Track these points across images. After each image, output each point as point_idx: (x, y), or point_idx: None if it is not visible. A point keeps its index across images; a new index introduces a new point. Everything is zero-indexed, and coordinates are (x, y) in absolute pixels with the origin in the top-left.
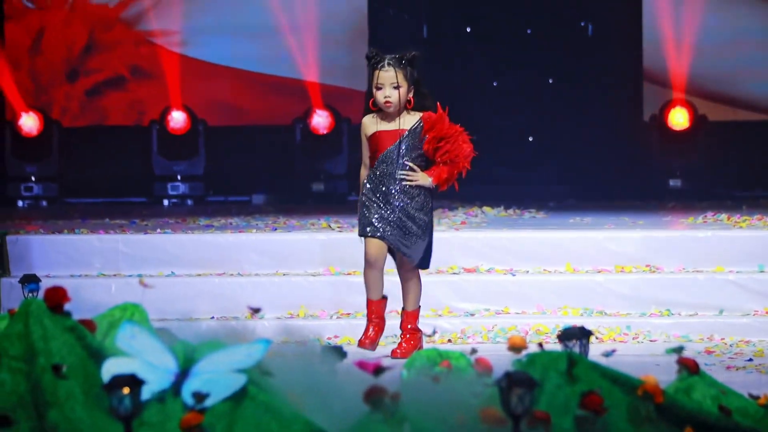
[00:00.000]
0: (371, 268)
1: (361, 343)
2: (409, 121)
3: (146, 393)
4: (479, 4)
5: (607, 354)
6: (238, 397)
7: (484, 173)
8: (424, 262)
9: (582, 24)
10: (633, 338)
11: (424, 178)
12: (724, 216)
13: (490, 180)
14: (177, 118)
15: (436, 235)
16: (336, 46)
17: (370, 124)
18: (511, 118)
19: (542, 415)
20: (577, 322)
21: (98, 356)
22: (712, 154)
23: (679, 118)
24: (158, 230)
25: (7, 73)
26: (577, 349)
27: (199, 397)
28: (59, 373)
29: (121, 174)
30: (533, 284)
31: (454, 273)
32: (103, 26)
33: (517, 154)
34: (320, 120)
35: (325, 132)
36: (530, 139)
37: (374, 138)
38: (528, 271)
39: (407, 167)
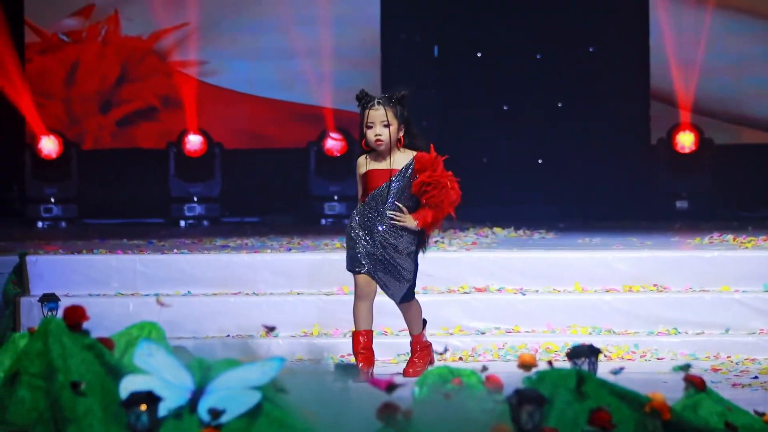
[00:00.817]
0: (361, 300)
1: None
2: (401, 159)
3: (163, 410)
4: (490, 30)
5: (616, 372)
6: (253, 413)
7: (494, 195)
8: (407, 297)
9: (591, 49)
10: (641, 356)
11: (410, 221)
12: (730, 237)
13: (501, 201)
14: (193, 141)
15: (447, 254)
16: (349, 71)
17: (363, 163)
18: (521, 141)
19: None
20: (586, 340)
21: (116, 374)
22: (718, 176)
23: (685, 141)
24: (175, 250)
25: (27, 98)
26: (586, 367)
27: (215, 413)
28: (78, 390)
29: (138, 195)
30: (543, 303)
31: (465, 292)
32: (134, 58)
33: (526, 176)
34: (334, 143)
35: (338, 155)
36: (540, 161)
37: (366, 176)
38: (538, 291)
39: (395, 207)
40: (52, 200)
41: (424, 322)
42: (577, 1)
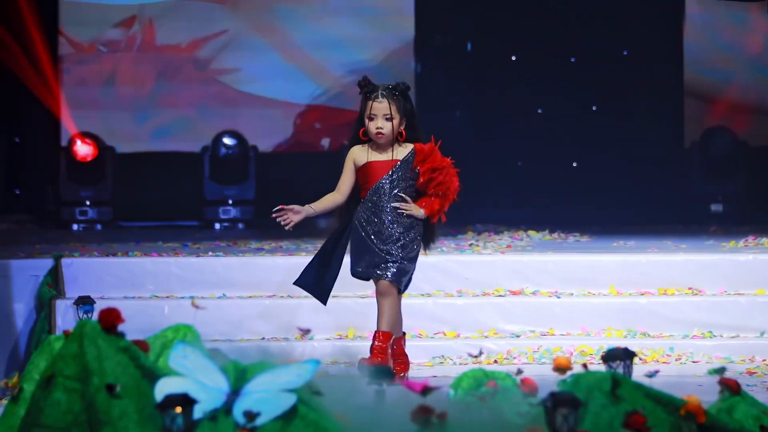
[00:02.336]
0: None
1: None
2: (401, 152)
3: (198, 412)
4: (524, 34)
5: (651, 375)
6: (289, 416)
7: (529, 198)
8: (403, 285)
9: (624, 53)
10: (676, 359)
11: (416, 209)
12: (765, 240)
13: (536, 204)
14: (228, 144)
15: (482, 258)
16: (381, 75)
17: (360, 153)
18: (556, 144)
19: None
20: (621, 343)
21: (151, 376)
22: (753, 179)
23: (718, 144)
24: (210, 253)
25: (60, 101)
26: (621, 370)
27: (250, 416)
28: (113, 393)
29: (173, 198)
30: (578, 306)
31: (500, 295)
32: (171, 66)
33: (561, 179)
34: None
35: None
36: (574, 164)
37: (366, 168)
38: (572, 294)
39: (400, 198)
40: (87, 203)
41: (403, 334)
42: (611, 5)
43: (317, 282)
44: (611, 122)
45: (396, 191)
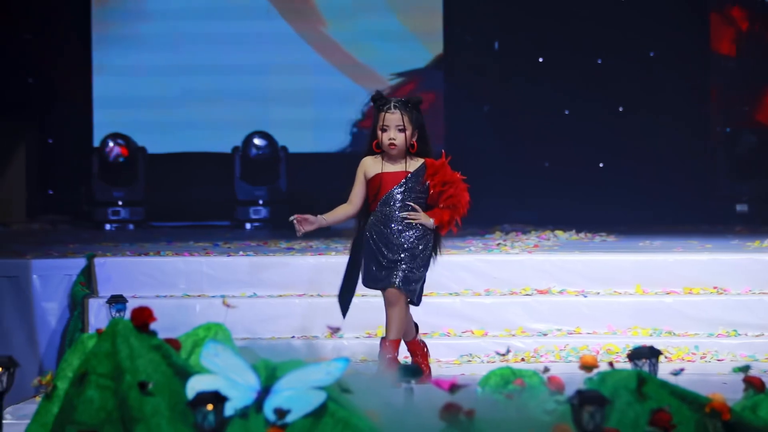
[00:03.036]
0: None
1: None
2: (412, 165)
3: (229, 409)
4: (551, 36)
5: (676, 373)
6: (318, 413)
7: (556, 198)
8: (418, 299)
9: (651, 54)
10: (701, 358)
11: (425, 218)
12: None
13: (563, 204)
14: (258, 145)
15: (510, 257)
16: (410, 76)
17: (373, 164)
18: (583, 145)
19: None
20: (647, 342)
21: (183, 374)
22: None
23: (743, 145)
24: (241, 253)
25: (92, 102)
26: (646, 368)
27: (281, 413)
28: (145, 390)
29: (204, 198)
30: (604, 305)
31: (527, 294)
32: (203, 67)
33: (588, 179)
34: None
35: None
36: (601, 165)
37: (377, 179)
38: (599, 293)
39: (409, 207)
40: (120, 203)
41: (399, 339)
42: (637, 7)
43: (346, 300)
44: (637, 123)
45: (405, 201)
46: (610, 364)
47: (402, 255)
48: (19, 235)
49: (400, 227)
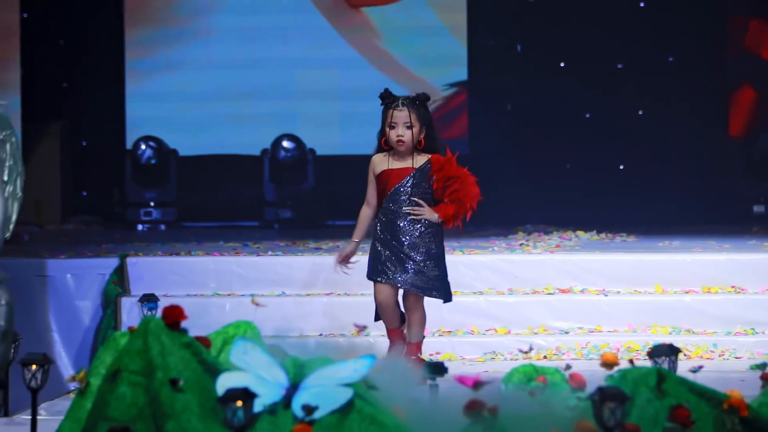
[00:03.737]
0: (383, 310)
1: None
2: (419, 161)
3: (258, 406)
4: (573, 41)
5: (695, 370)
6: (345, 409)
7: (577, 199)
8: (445, 295)
9: (670, 59)
10: (719, 355)
11: (430, 213)
12: None
13: (583, 205)
14: (287, 147)
15: (532, 257)
16: (435, 79)
17: (380, 161)
18: (603, 148)
19: (633, 428)
20: (666, 340)
21: (213, 371)
22: None
23: (760, 147)
24: (270, 253)
25: (125, 105)
26: (666, 366)
27: (309, 409)
28: (176, 387)
29: (234, 199)
30: (624, 304)
31: (550, 293)
32: (232, 71)
33: (608, 181)
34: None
35: None
36: (621, 167)
37: (384, 175)
38: (619, 292)
39: (414, 202)
40: (152, 204)
41: (422, 340)
42: (657, 13)
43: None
44: (657, 126)
45: (411, 197)
46: (631, 361)
47: (413, 253)
48: (54, 235)
49: (406, 223)
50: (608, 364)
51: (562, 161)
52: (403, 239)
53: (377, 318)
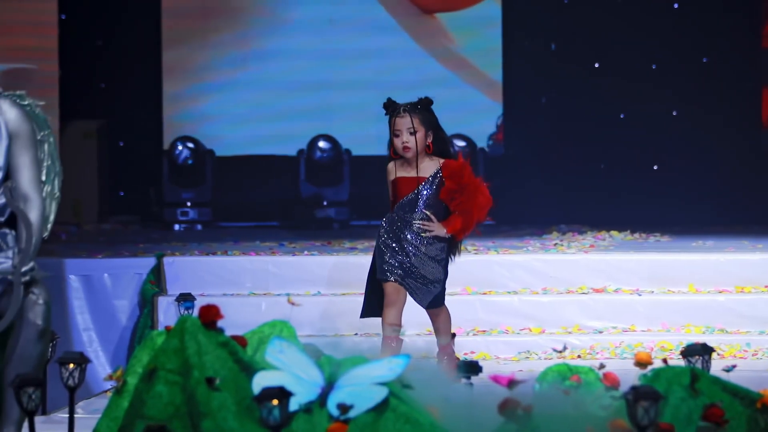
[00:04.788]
0: (390, 307)
1: None
2: (429, 167)
3: (294, 404)
4: (607, 42)
5: (728, 369)
6: (380, 408)
7: (611, 199)
8: (435, 303)
9: (704, 60)
10: (752, 355)
11: (439, 229)
12: None
13: (618, 205)
14: (323, 147)
15: (566, 257)
16: (469, 80)
17: (392, 170)
18: (637, 148)
19: (667, 427)
20: (700, 339)
21: (249, 370)
22: None
23: None
24: (305, 252)
25: (162, 106)
26: (699, 365)
27: (344, 408)
28: (212, 386)
29: (270, 199)
30: (658, 304)
31: (584, 293)
32: (268, 72)
33: (642, 181)
34: (457, 150)
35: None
36: (655, 167)
37: (394, 184)
38: (653, 292)
39: (424, 216)
40: (188, 204)
41: (453, 335)
42: (691, 14)
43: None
44: (691, 127)
45: (421, 208)
46: (664, 360)
47: (423, 265)
48: (91, 235)
49: (413, 233)
50: (642, 364)
51: (597, 161)
52: (411, 251)
53: (364, 314)
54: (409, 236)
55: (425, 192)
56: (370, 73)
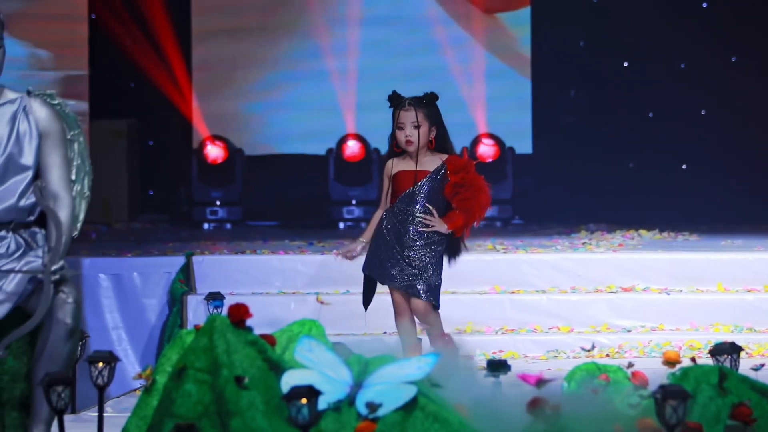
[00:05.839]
0: (401, 316)
1: None
2: (431, 162)
3: (323, 403)
4: (636, 41)
5: (756, 368)
6: (409, 407)
7: (640, 198)
8: (434, 300)
9: (733, 59)
10: None
11: (440, 224)
12: None
13: (646, 204)
14: (352, 147)
15: (595, 255)
16: (498, 80)
17: (393, 164)
18: (666, 147)
19: (695, 426)
20: (728, 338)
21: (278, 368)
22: None
23: None
24: (334, 251)
25: (192, 105)
26: (728, 364)
27: (373, 407)
28: (241, 385)
29: (299, 199)
30: (686, 302)
31: (612, 292)
32: (297, 71)
33: (671, 180)
34: (486, 149)
35: (490, 160)
36: (684, 166)
37: (396, 177)
38: (681, 290)
39: (426, 210)
40: (218, 203)
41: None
42: (720, 13)
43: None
44: (718, 126)
45: (424, 202)
46: (693, 359)
47: (420, 259)
48: (121, 234)
49: (413, 228)
50: (670, 362)
51: (625, 160)
52: (409, 245)
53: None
54: (409, 229)
55: (426, 187)
56: (399, 70)
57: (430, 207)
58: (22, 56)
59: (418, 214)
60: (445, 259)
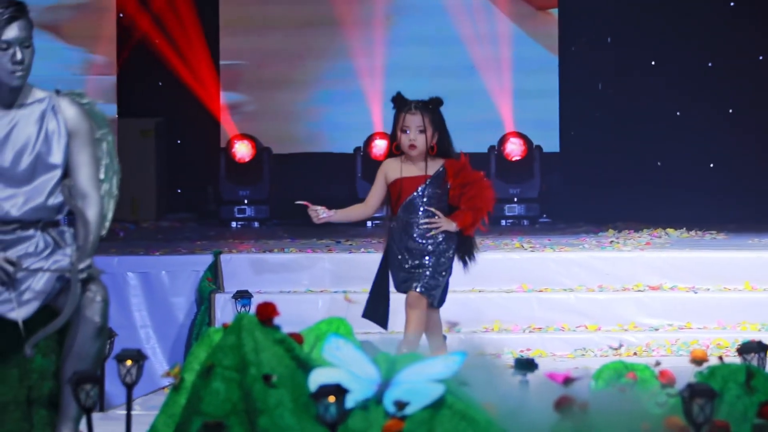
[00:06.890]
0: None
1: None
2: (432, 167)
3: (350, 401)
4: (663, 40)
5: None
6: (437, 405)
7: (667, 197)
8: (436, 302)
9: (760, 58)
10: None
11: (448, 224)
12: None
13: (674, 203)
14: (378, 145)
15: (622, 254)
16: (527, 78)
17: (394, 168)
18: (694, 146)
19: (722, 424)
20: (756, 336)
21: (306, 367)
22: None
23: None
24: (362, 249)
25: (220, 104)
26: (755, 362)
27: (400, 405)
28: (269, 383)
29: (327, 197)
30: (714, 301)
31: (639, 290)
32: (324, 70)
33: (699, 179)
34: (514, 147)
35: (518, 158)
36: (711, 165)
37: (397, 183)
38: (709, 289)
39: (431, 213)
40: (246, 202)
41: (444, 337)
42: (748, 11)
43: (382, 312)
44: (746, 125)
45: (427, 207)
46: (720, 358)
47: (426, 259)
48: (149, 232)
49: (420, 232)
50: (698, 361)
51: (653, 159)
52: (417, 249)
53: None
54: (416, 235)
55: (427, 191)
56: (428, 67)
57: (433, 210)
58: (52, 55)
59: (422, 221)
60: (459, 262)
